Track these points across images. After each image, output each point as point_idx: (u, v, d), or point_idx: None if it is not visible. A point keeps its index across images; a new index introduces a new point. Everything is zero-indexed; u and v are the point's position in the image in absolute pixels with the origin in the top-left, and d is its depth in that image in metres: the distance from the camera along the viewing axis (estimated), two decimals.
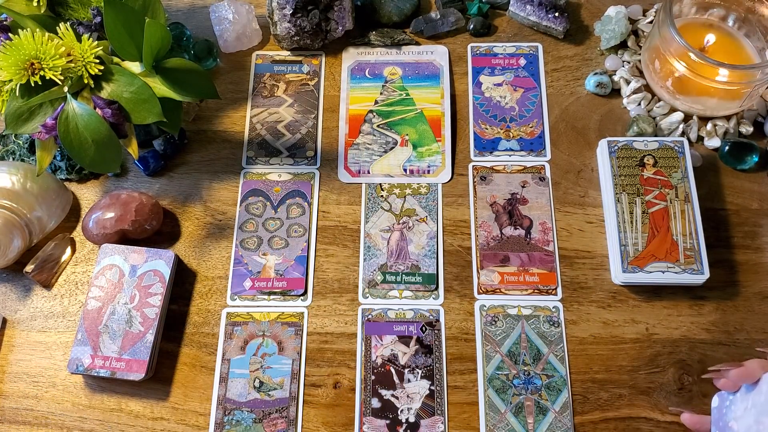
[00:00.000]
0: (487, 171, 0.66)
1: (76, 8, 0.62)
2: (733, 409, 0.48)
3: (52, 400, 0.58)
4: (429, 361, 0.58)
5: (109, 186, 0.67)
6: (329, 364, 0.59)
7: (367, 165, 0.67)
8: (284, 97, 0.71)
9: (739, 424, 0.47)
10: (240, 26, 0.71)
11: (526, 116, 0.68)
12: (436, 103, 0.69)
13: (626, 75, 0.69)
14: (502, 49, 0.72)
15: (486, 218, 0.64)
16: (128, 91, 0.57)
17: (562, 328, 0.59)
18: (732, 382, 0.48)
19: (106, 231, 0.61)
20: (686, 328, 0.59)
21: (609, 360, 0.58)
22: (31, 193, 0.61)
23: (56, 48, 0.54)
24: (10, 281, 0.63)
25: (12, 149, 0.68)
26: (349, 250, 0.63)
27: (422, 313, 0.60)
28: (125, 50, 0.58)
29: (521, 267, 0.61)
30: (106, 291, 0.59)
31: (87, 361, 0.57)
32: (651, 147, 0.63)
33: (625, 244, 0.59)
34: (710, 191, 0.64)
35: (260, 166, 0.67)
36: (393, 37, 0.72)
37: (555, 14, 0.71)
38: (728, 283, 0.60)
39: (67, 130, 0.56)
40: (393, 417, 0.56)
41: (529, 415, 0.56)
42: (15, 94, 0.55)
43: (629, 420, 0.56)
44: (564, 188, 0.65)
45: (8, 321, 0.61)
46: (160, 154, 0.67)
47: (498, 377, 0.57)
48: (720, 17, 0.69)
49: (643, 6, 0.73)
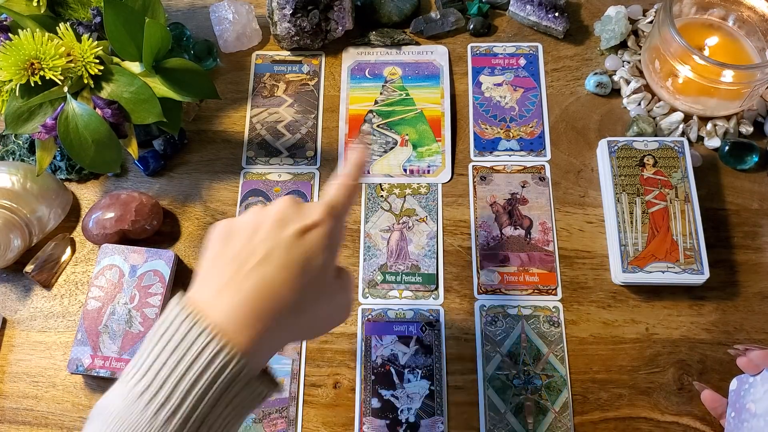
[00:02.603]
0: (487, 171, 0.66)
1: (76, 8, 0.62)
2: (752, 392, 0.48)
3: (52, 400, 0.58)
4: (429, 361, 0.58)
5: (109, 186, 0.67)
6: (329, 364, 0.58)
7: (367, 165, 0.67)
8: (284, 97, 0.71)
9: (757, 406, 0.47)
10: (240, 26, 0.71)
11: (526, 116, 0.68)
12: (436, 103, 0.69)
13: (626, 75, 0.69)
14: (502, 49, 0.72)
15: (486, 218, 0.64)
16: (128, 91, 0.57)
17: (562, 328, 0.59)
18: (754, 363, 0.48)
19: (106, 231, 0.61)
20: (686, 328, 0.59)
21: (609, 360, 0.58)
22: (31, 193, 0.61)
23: (56, 48, 0.54)
24: (10, 281, 0.63)
25: (12, 149, 0.68)
26: (349, 250, 0.63)
27: (422, 313, 0.60)
28: (125, 50, 0.58)
29: (521, 267, 0.61)
30: (106, 291, 0.59)
31: (87, 361, 0.57)
32: (651, 147, 0.63)
33: (625, 244, 0.59)
34: (710, 191, 0.64)
35: (260, 166, 0.67)
36: (393, 37, 0.72)
37: (555, 14, 0.71)
38: (728, 283, 0.60)
39: (67, 130, 0.56)
40: (393, 417, 0.56)
41: (529, 415, 0.56)
42: (15, 94, 0.55)
43: (629, 420, 0.56)
44: (564, 188, 0.65)
45: (8, 321, 0.61)
46: (160, 154, 0.67)
47: (498, 377, 0.57)
48: (720, 17, 0.69)
49: (643, 6, 0.73)
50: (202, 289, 0.38)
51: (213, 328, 0.35)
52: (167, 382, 0.34)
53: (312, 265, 0.39)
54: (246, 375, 0.36)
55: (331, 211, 0.41)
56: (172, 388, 0.34)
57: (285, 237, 0.39)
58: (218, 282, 0.38)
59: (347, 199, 0.42)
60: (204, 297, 0.37)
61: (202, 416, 0.34)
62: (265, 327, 0.36)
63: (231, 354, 0.35)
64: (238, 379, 0.35)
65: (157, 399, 0.34)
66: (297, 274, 0.38)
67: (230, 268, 0.38)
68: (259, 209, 0.41)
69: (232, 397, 0.35)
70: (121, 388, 0.35)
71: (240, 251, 0.39)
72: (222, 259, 0.39)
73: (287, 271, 0.38)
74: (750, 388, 0.48)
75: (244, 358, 0.35)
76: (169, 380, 0.34)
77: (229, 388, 0.35)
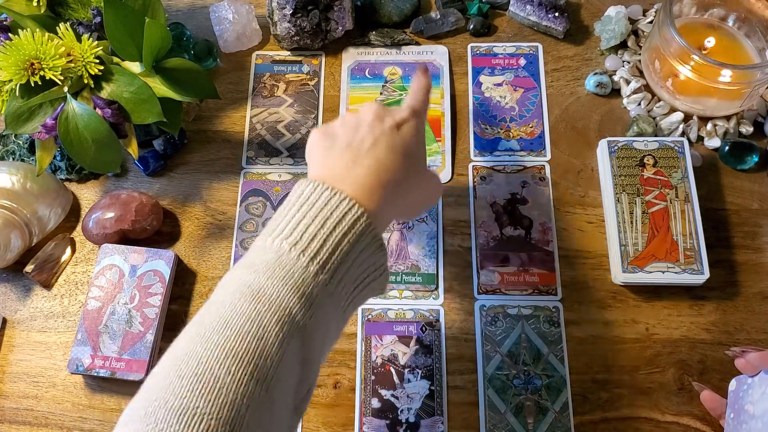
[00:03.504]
0: (487, 171, 0.66)
1: (76, 8, 0.62)
2: (750, 393, 0.48)
3: (52, 400, 0.58)
4: (429, 361, 0.58)
5: (109, 186, 0.67)
6: (329, 364, 0.58)
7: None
8: (284, 97, 0.71)
9: (755, 408, 0.47)
10: (240, 26, 0.71)
11: (526, 116, 0.68)
12: (436, 103, 0.69)
13: (626, 75, 0.69)
14: (502, 49, 0.72)
15: (486, 218, 0.64)
16: (128, 91, 0.57)
17: (562, 328, 0.59)
18: (751, 365, 0.48)
19: (106, 231, 0.61)
20: (686, 328, 0.59)
21: (609, 360, 0.58)
22: (31, 193, 0.61)
23: (56, 48, 0.54)
24: (10, 281, 0.63)
25: (12, 149, 0.68)
26: None
27: (422, 313, 0.60)
28: (125, 50, 0.58)
29: (521, 267, 0.61)
30: (106, 291, 0.59)
31: (87, 361, 0.57)
32: (651, 147, 0.63)
33: (625, 244, 0.59)
34: (710, 191, 0.64)
35: (260, 166, 0.67)
36: (393, 37, 0.72)
37: (555, 14, 0.71)
38: (728, 283, 0.60)
39: (67, 130, 0.56)
40: (393, 417, 0.56)
41: (529, 415, 0.56)
42: (15, 94, 0.55)
43: (629, 420, 0.56)
44: (564, 188, 0.65)
45: (8, 321, 0.61)
46: (160, 154, 0.67)
47: (498, 377, 0.57)
48: (720, 17, 0.69)
49: (643, 6, 0.73)
50: (327, 171, 0.45)
51: (350, 196, 0.42)
52: (316, 237, 0.39)
53: (409, 152, 0.46)
54: (375, 233, 0.42)
55: (414, 110, 0.49)
56: (321, 242, 0.39)
57: (386, 128, 0.46)
58: (341, 164, 0.44)
59: (424, 99, 0.51)
60: (333, 175, 0.44)
61: (344, 269, 0.40)
62: (385, 197, 0.44)
63: (366, 217, 0.41)
64: (371, 235, 0.42)
65: (309, 251, 0.39)
66: (401, 157, 0.46)
67: (348, 152, 0.45)
68: (351, 114, 0.48)
69: (364, 252, 0.41)
70: (263, 247, 0.40)
71: (352, 140, 0.46)
72: (335, 149, 0.46)
73: (394, 154, 0.45)
74: (748, 390, 0.48)
75: (375, 221, 0.42)
76: (318, 236, 0.40)
77: (361, 243, 0.41)
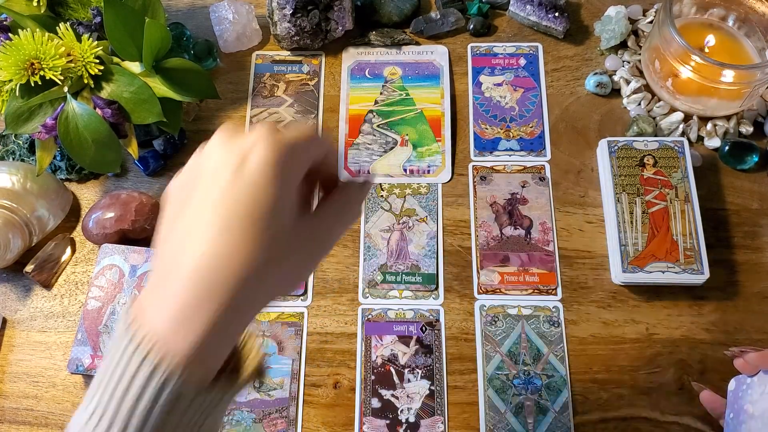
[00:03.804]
0: (487, 171, 0.66)
1: (76, 8, 0.62)
2: (749, 393, 0.48)
3: (52, 400, 0.58)
4: (429, 361, 0.58)
5: (109, 186, 0.67)
6: (329, 364, 0.58)
7: (367, 165, 0.67)
8: (284, 97, 0.71)
9: (754, 407, 0.47)
10: (240, 26, 0.71)
11: (526, 116, 0.68)
12: (436, 103, 0.69)
13: (626, 75, 0.69)
14: (502, 49, 0.72)
15: (486, 218, 0.64)
16: (128, 91, 0.57)
17: (562, 328, 0.59)
18: (750, 365, 0.48)
19: (106, 231, 0.61)
20: (686, 328, 0.59)
21: (609, 360, 0.58)
22: (31, 193, 0.61)
23: (56, 48, 0.54)
24: (10, 281, 0.63)
25: (12, 149, 0.68)
26: (349, 250, 0.63)
27: (422, 313, 0.60)
28: (125, 50, 0.58)
29: (521, 267, 0.61)
30: (106, 291, 0.59)
31: (87, 361, 0.57)
32: (651, 147, 0.63)
33: (625, 244, 0.59)
34: (710, 191, 0.64)
35: None
36: (393, 37, 0.72)
37: (555, 14, 0.71)
38: (728, 283, 0.60)
39: (67, 130, 0.56)
40: (393, 417, 0.56)
41: (529, 415, 0.56)
42: (15, 94, 0.55)
43: (629, 420, 0.56)
44: (564, 188, 0.65)
45: (8, 321, 0.61)
46: (160, 154, 0.67)
47: (498, 377, 0.57)
48: (720, 17, 0.69)
49: (643, 6, 0.73)
50: (155, 277, 0.31)
51: (148, 338, 0.29)
52: (108, 410, 0.29)
53: (263, 208, 0.29)
54: (195, 386, 0.29)
55: (269, 130, 0.31)
56: (113, 416, 0.29)
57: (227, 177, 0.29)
58: (169, 260, 0.30)
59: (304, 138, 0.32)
60: (143, 298, 0.30)
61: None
62: (211, 320, 0.29)
63: (169, 370, 0.28)
64: (184, 394, 0.29)
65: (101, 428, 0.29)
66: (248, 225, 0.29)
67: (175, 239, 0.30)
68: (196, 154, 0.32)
69: (184, 411, 0.29)
70: (76, 415, 0.31)
71: (181, 212, 0.31)
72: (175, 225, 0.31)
73: (228, 234, 0.29)
74: (748, 389, 0.48)
75: (186, 371, 0.28)
76: (110, 407, 0.29)
77: (175, 406, 0.29)
